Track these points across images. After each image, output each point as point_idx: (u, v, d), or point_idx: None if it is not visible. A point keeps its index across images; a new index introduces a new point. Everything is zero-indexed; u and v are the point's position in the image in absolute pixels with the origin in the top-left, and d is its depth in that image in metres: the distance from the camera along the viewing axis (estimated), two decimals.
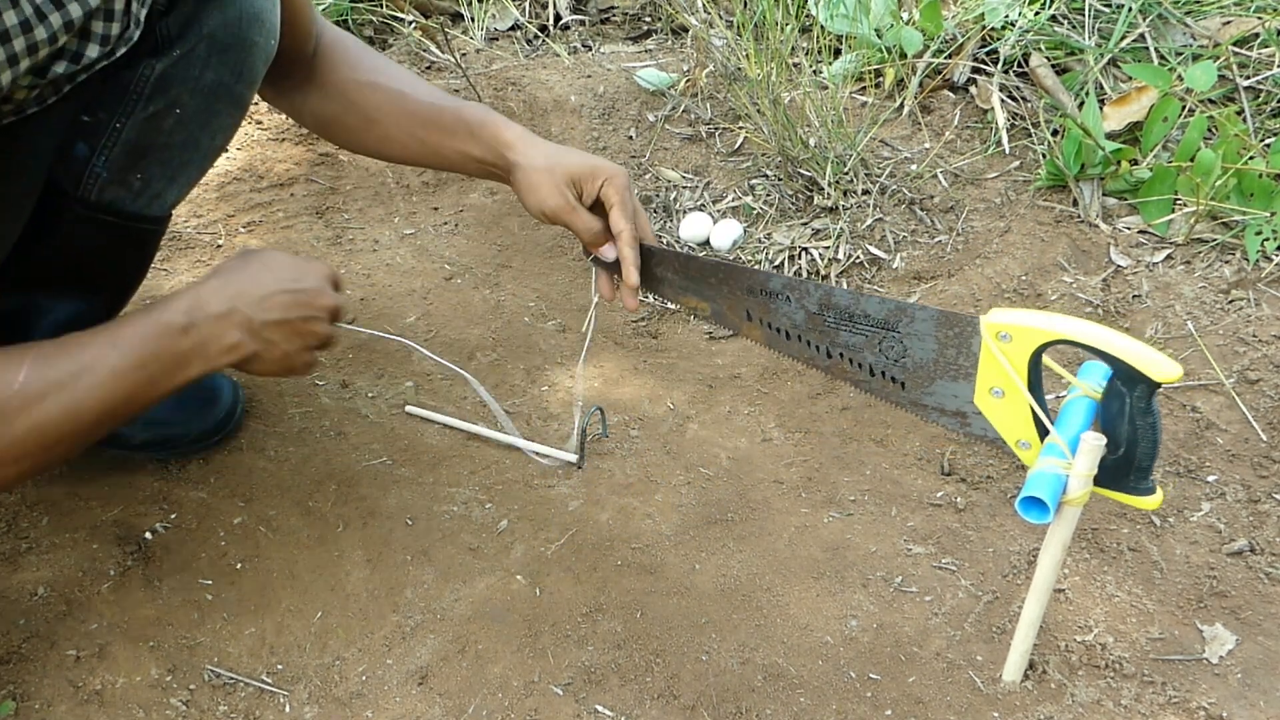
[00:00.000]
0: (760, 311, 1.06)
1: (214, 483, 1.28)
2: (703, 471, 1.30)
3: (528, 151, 1.13)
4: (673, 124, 1.87)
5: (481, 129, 1.15)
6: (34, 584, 1.15)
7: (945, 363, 0.94)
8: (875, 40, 1.85)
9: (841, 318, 1.00)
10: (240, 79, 1.08)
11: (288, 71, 1.21)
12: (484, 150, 1.15)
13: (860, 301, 0.98)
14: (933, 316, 0.94)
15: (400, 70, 1.23)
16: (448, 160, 1.20)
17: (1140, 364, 0.82)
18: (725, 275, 1.08)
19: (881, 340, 0.98)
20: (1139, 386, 0.83)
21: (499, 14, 2.23)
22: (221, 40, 1.05)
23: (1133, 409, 0.85)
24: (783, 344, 1.05)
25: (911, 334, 0.95)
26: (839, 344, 1.01)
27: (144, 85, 1.03)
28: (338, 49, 1.22)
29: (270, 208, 1.78)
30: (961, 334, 0.92)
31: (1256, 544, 1.16)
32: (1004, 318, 0.88)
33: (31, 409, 0.86)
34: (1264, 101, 1.65)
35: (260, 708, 1.04)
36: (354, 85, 1.20)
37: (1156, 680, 1.03)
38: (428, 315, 1.57)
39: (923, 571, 1.16)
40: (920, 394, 0.97)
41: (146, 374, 0.92)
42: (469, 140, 1.16)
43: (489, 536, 1.22)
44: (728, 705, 1.03)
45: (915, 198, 1.67)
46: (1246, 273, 1.46)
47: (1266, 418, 1.29)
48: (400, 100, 1.19)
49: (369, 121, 1.21)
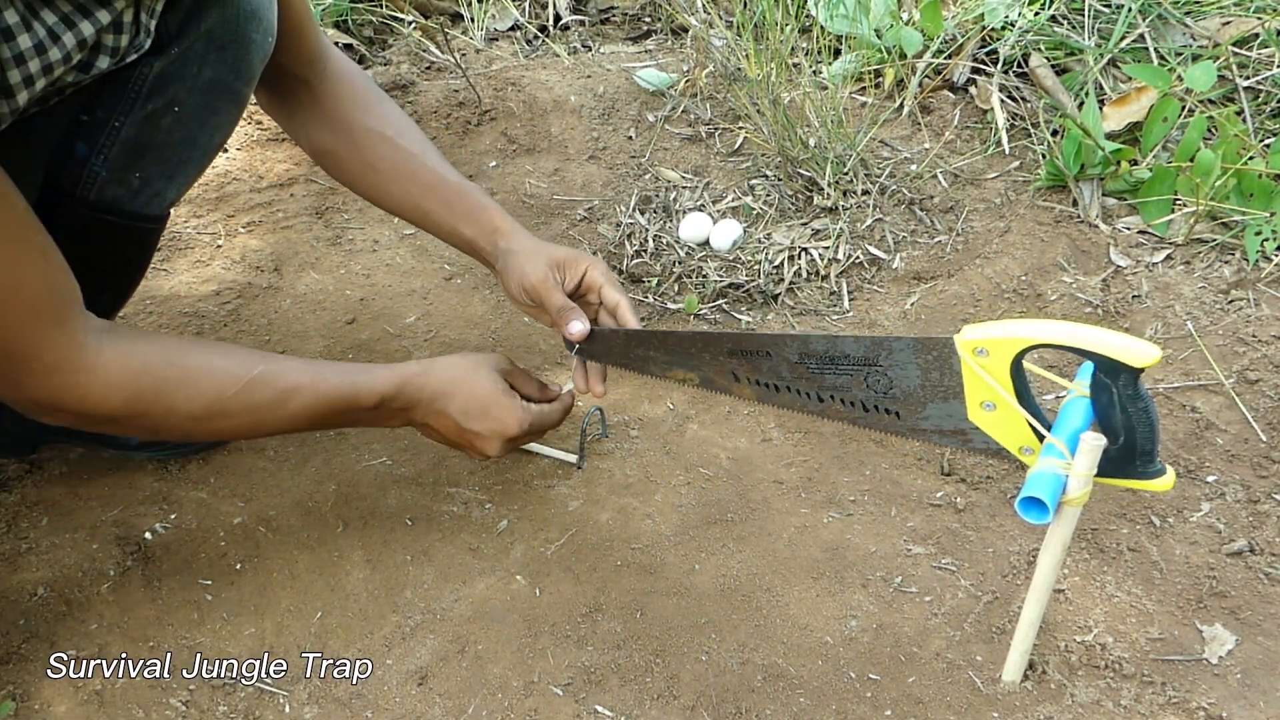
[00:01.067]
0: (746, 370, 1.07)
1: (214, 483, 1.28)
2: (702, 471, 1.30)
3: (518, 239, 1.21)
4: (673, 124, 1.87)
5: (480, 214, 1.22)
6: (34, 584, 1.15)
7: (931, 386, 0.95)
8: (875, 40, 1.85)
9: (823, 362, 1.01)
10: (239, 76, 1.09)
11: (290, 89, 1.21)
12: (476, 233, 1.22)
13: (837, 344, 1.00)
14: (909, 345, 0.95)
15: (410, 126, 1.26)
16: (437, 228, 1.25)
17: (1116, 353, 0.83)
18: (705, 343, 1.10)
19: (866, 376, 0.99)
20: (1121, 375, 0.84)
21: (499, 14, 2.23)
22: (220, 38, 1.05)
23: (1121, 398, 0.85)
24: (774, 397, 1.07)
25: (893, 365, 0.97)
26: (827, 387, 1.02)
27: (143, 84, 1.03)
28: (346, 84, 1.23)
29: (270, 208, 1.78)
30: (940, 356, 0.93)
31: (1256, 544, 1.16)
32: (976, 334, 0.89)
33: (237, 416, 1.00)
34: (1264, 101, 1.65)
35: (260, 708, 1.04)
36: (361, 130, 1.23)
37: (1156, 680, 1.03)
38: (428, 315, 1.57)
39: (923, 571, 1.16)
40: (916, 420, 0.98)
41: (327, 421, 1.07)
42: (465, 220, 1.22)
43: (489, 536, 1.22)
44: (728, 705, 1.03)
45: (915, 198, 1.67)
46: (1246, 273, 1.46)
47: (1266, 418, 1.29)
48: (407, 160, 1.22)
49: (369, 168, 1.23)
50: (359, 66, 1.28)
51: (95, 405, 0.93)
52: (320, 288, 1.61)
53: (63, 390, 0.91)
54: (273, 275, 1.63)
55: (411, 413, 1.10)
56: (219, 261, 1.66)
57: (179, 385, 0.96)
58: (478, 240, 1.22)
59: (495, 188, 1.80)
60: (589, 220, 1.74)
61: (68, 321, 0.91)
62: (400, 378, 1.08)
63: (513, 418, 1.11)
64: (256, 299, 1.58)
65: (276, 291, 1.60)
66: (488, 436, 1.11)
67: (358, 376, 1.06)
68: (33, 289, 0.88)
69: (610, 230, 1.70)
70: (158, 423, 0.98)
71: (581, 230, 1.72)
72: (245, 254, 1.67)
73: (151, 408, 0.95)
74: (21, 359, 0.89)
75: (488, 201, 1.23)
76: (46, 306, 0.89)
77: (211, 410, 0.98)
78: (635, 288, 1.62)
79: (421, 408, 1.10)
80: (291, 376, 1.02)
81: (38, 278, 0.88)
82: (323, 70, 1.21)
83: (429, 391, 1.09)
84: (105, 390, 0.92)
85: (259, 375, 1.00)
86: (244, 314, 1.55)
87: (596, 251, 1.67)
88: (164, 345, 0.98)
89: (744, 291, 1.58)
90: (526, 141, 1.89)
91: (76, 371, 0.91)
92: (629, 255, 1.65)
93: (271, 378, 1.01)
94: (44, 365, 0.90)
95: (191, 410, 0.97)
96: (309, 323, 1.55)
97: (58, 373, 0.90)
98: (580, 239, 1.70)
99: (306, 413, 1.03)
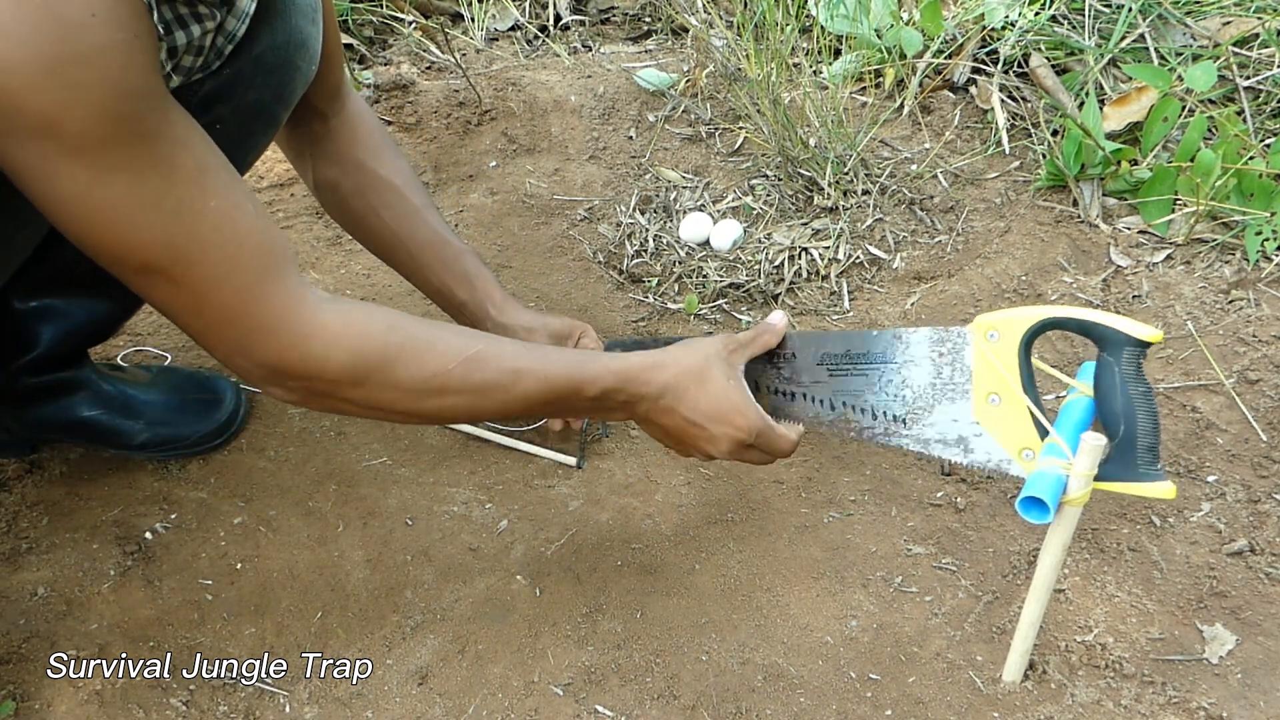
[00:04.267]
0: (768, 379, 1.09)
1: (214, 483, 1.28)
2: (703, 471, 1.30)
3: (511, 312, 1.23)
4: (673, 124, 1.87)
5: (476, 280, 1.24)
6: (34, 584, 1.15)
7: (942, 384, 0.97)
8: (875, 40, 1.85)
9: (840, 362, 1.03)
10: (279, 100, 1.10)
11: (305, 119, 1.22)
12: (469, 297, 1.24)
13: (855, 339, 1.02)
14: (926, 337, 0.97)
15: (417, 183, 1.27)
16: (426, 285, 1.26)
17: (1120, 325, 0.85)
18: None
19: (880, 376, 1.01)
20: (1124, 350, 0.85)
21: (499, 14, 2.23)
22: (268, 62, 1.05)
23: (1123, 377, 0.86)
24: (788, 407, 1.08)
25: (908, 361, 0.98)
26: (842, 392, 1.04)
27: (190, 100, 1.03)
28: (362, 127, 1.24)
29: (270, 208, 1.78)
30: (954, 347, 0.95)
31: (1256, 544, 1.16)
32: (989, 317, 0.92)
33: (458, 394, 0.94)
34: (1264, 101, 1.65)
35: (260, 708, 1.04)
36: (371, 174, 1.23)
37: (1156, 680, 1.03)
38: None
39: (923, 571, 1.16)
40: (922, 427, 0.99)
41: (548, 408, 1.00)
42: (460, 284, 1.24)
43: (489, 536, 1.22)
44: (728, 705, 1.03)
45: (915, 198, 1.67)
46: (1246, 273, 1.46)
47: (1266, 418, 1.29)
48: (410, 214, 1.23)
49: (371, 212, 1.24)
50: (374, 114, 1.29)
51: (318, 367, 0.88)
52: (320, 288, 1.61)
53: (289, 350, 0.87)
54: None
55: (634, 407, 1.03)
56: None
57: (400, 353, 0.91)
58: (469, 305, 1.23)
59: (495, 188, 1.80)
60: (589, 220, 1.74)
61: (288, 277, 0.87)
62: (626, 369, 1.02)
63: (745, 423, 1.03)
64: None
65: None
66: (718, 438, 1.03)
67: (585, 364, 1.00)
68: (256, 242, 0.84)
69: (610, 230, 1.70)
70: (375, 395, 0.92)
71: (581, 230, 1.72)
72: None
73: (371, 375, 0.91)
74: (248, 317, 0.85)
75: (484, 270, 1.25)
76: (271, 261, 0.85)
77: (432, 384, 0.93)
78: (635, 288, 1.62)
79: (646, 403, 1.03)
80: (514, 359, 0.97)
81: (260, 231, 0.85)
82: (341, 109, 1.22)
83: (658, 387, 1.02)
84: (328, 350, 0.88)
85: (479, 353, 0.95)
86: None
87: (597, 252, 1.67)
88: (384, 313, 0.93)
89: (744, 291, 1.58)
90: (527, 141, 1.89)
91: (300, 329, 0.87)
92: (629, 255, 1.65)
93: (493, 358, 0.95)
94: (269, 323, 0.86)
95: (412, 382, 0.92)
96: None
97: (283, 332, 0.86)
98: (580, 239, 1.70)
99: (530, 397, 0.98)
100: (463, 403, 0.95)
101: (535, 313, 1.25)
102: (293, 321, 0.87)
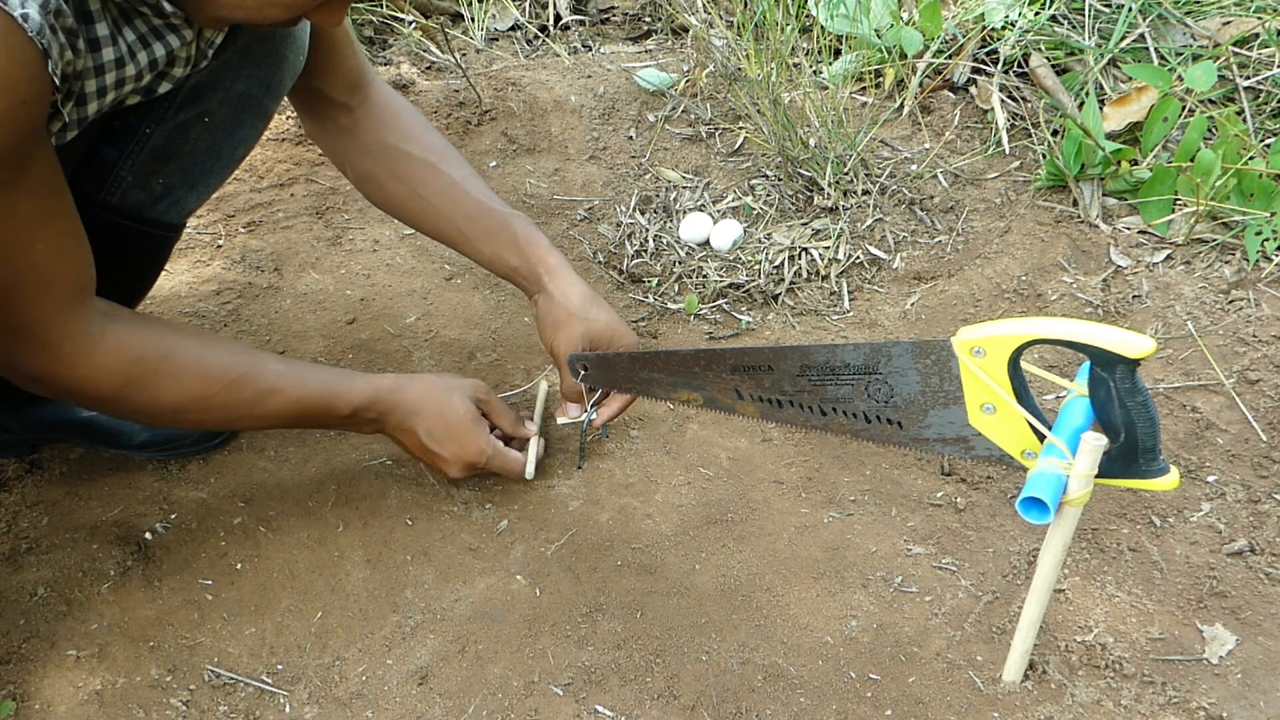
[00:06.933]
0: (749, 387, 1.08)
1: (214, 483, 1.28)
2: (703, 471, 1.30)
3: (564, 287, 1.22)
4: (673, 124, 1.87)
5: (527, 245, 1.22)
6: (34, 584, 1.15)
7: (932, 392, 0.96)
8: (875, 40, 1.85)
9: (824, 373, 1.02)
10: (268, 91, 1.11)
11: (330, 115, 1.22)
12: (522, 263, 1.23)
13: (836, 353, 1.00)
14: (908, 350, 0.95)
15: (453, 154, 1.26)
16: (478, 255, 1.26)
17: (1111, 345, 0.83)
18: (707, 360, 1.10)
19: (868, 385, 1.00)
20: (1118, 368, 0.84)
21: (499, 14, 2.23)
22: (255, 53, 1.06)
23: (1119, 391, 0.85)
24: (777, 413, 1.08)
25: (893, 372, 0.97)
26: (829, 399, 1.03)
27: (177, 93, 1.04)
28: (388, 112, 1.24)
29: (270, 208, 1.78)
30: (939, 360, 0.93)
31: (1256, 544, 1.16)
32: (972, 333, 0.89)
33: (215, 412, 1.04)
34: (1264, 101, 1.65)
35: (260, 708, 1.04)
36: (403, 157, 1.23)
37: (1156, 680, 1.03)
38: (428, 315, 1.57)
39: (923, 571, 1.16)
40: (919, 429, 0.98)
41: (300, 424, 1.12)
42: (510, 249, 1.23)
43: (489, 536, 1.22)
44: (728, 705, 1.03)
45: (915, 198, 1.67)
46: (1246, 273, 1.46)
47: (1266, 418, 1.29)
48: (449, 187, 1.23)
49: (413, 195, 1.24)
50: (402, 96, 1.29)
51: (91, 388, 0.96)
52: (320, 288, 1.61)
53: (63, 370, 0.94)
54: (273, 275, 1.63)
55: (382, 424, 1.14)
56: (219, 261, 1.66)
57: (167, 379, 1.00)
58: (521, 270, 1.23)
59: (496, 188, 1.80)
60: (589, 220, 1.74)
61: (83, 305, 0.93)
62: (375, 391, 1.12)
63: (474, 446, 1.16)
64: (257, 299, 1.58)
65: (277, 291, 1.60)
66: (449, 459, 1.15)
67: (336, 385, 1.09)
68: (71, 273, 0.91)
69: (610, 230, 1.70)
70: (139, 408, 1.02)
71: (582, 230, 1.72)
72: (245, 254, 1.67)
73: (137, 395, 0.99)
74: (34, 337, 0.91)
75: (534, 233, 1.24)
76: (75, 289, 0.92)
77: (193, 405, 1.02)
78: (636, 288, 1.62)
79: (392, 422, 1.14)
80: (273, 379, 1.05)
81: (76, 263, 0.91)
82: (364, 98, 1.22)
83: (402, 408, 1.13)
84: (100, 375, 0.96)
85: (242, 376, 1.03)
86: (244, 314, 1.55)
87: (597, 252, 1.67)
88: (160, 335, 1.00)
89: (744, 291, 1.58)
90: (527, 141, 1.89)
91: (78, 354, 0.94)
92: (629, 255, 1.65)
93: (254, 379, 1.04)
94: (51, 345, 0.92)
95: (174, 403, 1.01)
96: (309, 322, 1.54)
97: (62, 355, 0.93)
98: (581, 239, 1.70)
99: (280, 414, 1.07)
100: (219, 418, 1.07)
101: (586, 300, 1.21)
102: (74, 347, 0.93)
